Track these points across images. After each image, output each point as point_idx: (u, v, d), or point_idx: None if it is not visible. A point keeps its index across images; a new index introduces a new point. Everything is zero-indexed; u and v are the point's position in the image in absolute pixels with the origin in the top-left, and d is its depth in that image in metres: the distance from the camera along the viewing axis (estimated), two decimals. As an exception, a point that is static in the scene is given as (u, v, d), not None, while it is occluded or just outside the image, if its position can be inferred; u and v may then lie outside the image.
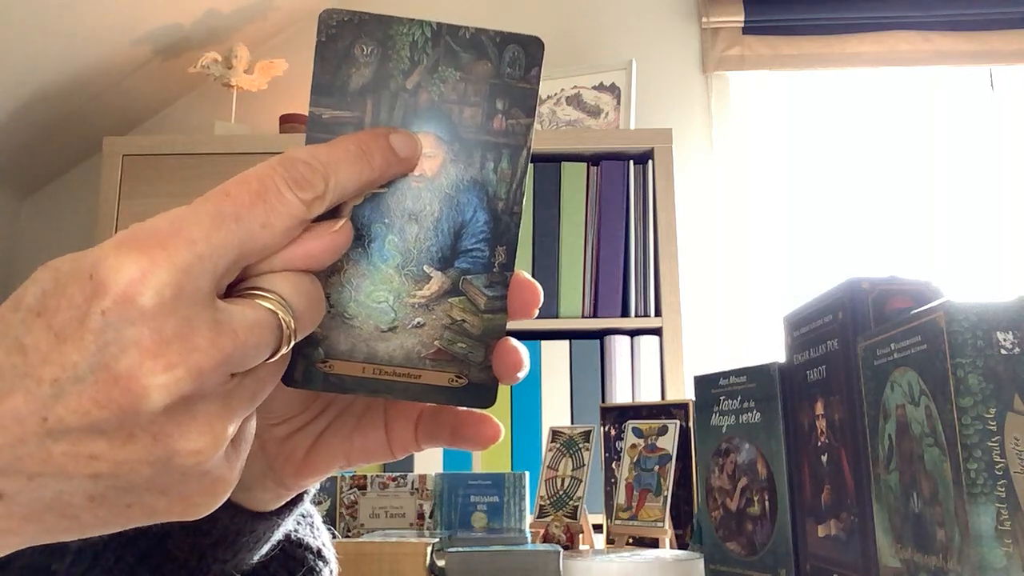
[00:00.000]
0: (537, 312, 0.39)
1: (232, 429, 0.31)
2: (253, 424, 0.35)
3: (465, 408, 0.40)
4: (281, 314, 0.32)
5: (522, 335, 1.97)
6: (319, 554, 0.54)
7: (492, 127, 0.37)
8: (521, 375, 0.38)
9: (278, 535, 0.49)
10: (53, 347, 0.28)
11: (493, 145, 0.37)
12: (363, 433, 0.43)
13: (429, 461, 1.91)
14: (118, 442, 0.29)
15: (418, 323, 0.37)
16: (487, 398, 0.38)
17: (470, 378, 0.38)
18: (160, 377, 0.28)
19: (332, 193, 0.34)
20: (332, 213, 0.35)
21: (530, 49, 0.37)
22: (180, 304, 0.29)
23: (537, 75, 0.37)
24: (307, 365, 0.37)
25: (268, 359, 0.32)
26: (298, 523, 0.54)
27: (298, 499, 0.47)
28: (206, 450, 0.30)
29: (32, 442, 0.28)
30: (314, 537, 0.55)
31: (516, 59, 0.37)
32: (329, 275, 0.36)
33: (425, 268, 0.37)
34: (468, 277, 0.37)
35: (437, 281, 0.37)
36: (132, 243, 0.29)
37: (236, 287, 0.32)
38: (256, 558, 0.49)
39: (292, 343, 0.33)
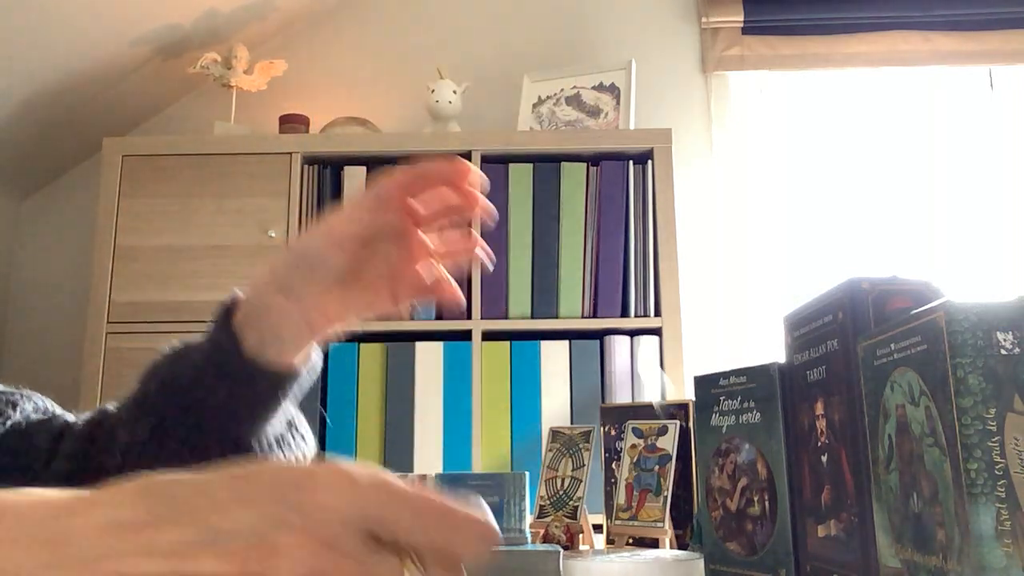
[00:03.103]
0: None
1: None
2: None
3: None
4: None
5: (522, 335, 1.98)
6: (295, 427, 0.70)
7: None
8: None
9: (282, 416, 0.65)
10: None
11: None
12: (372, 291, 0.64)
13: (429, 461, 1.91)
14: None
15: None
16: None
17: None
18: None
19: None
20: None
21: None
22: None
23: None
24: None
25: None
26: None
27: (296, 376, 0.64)
28: None
29: None
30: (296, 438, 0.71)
31: None
32: None
33: None
34: None
35: None
36: None
37: None
38: (269, 430, 0.64)
39: None
